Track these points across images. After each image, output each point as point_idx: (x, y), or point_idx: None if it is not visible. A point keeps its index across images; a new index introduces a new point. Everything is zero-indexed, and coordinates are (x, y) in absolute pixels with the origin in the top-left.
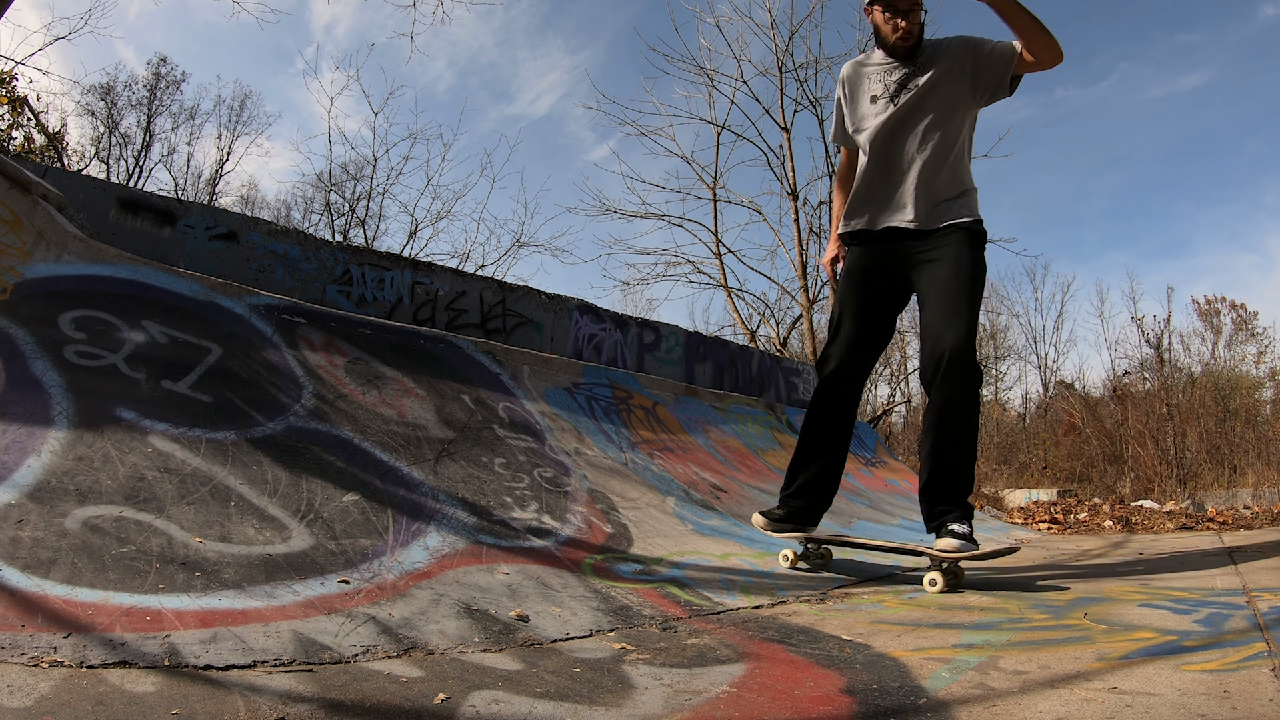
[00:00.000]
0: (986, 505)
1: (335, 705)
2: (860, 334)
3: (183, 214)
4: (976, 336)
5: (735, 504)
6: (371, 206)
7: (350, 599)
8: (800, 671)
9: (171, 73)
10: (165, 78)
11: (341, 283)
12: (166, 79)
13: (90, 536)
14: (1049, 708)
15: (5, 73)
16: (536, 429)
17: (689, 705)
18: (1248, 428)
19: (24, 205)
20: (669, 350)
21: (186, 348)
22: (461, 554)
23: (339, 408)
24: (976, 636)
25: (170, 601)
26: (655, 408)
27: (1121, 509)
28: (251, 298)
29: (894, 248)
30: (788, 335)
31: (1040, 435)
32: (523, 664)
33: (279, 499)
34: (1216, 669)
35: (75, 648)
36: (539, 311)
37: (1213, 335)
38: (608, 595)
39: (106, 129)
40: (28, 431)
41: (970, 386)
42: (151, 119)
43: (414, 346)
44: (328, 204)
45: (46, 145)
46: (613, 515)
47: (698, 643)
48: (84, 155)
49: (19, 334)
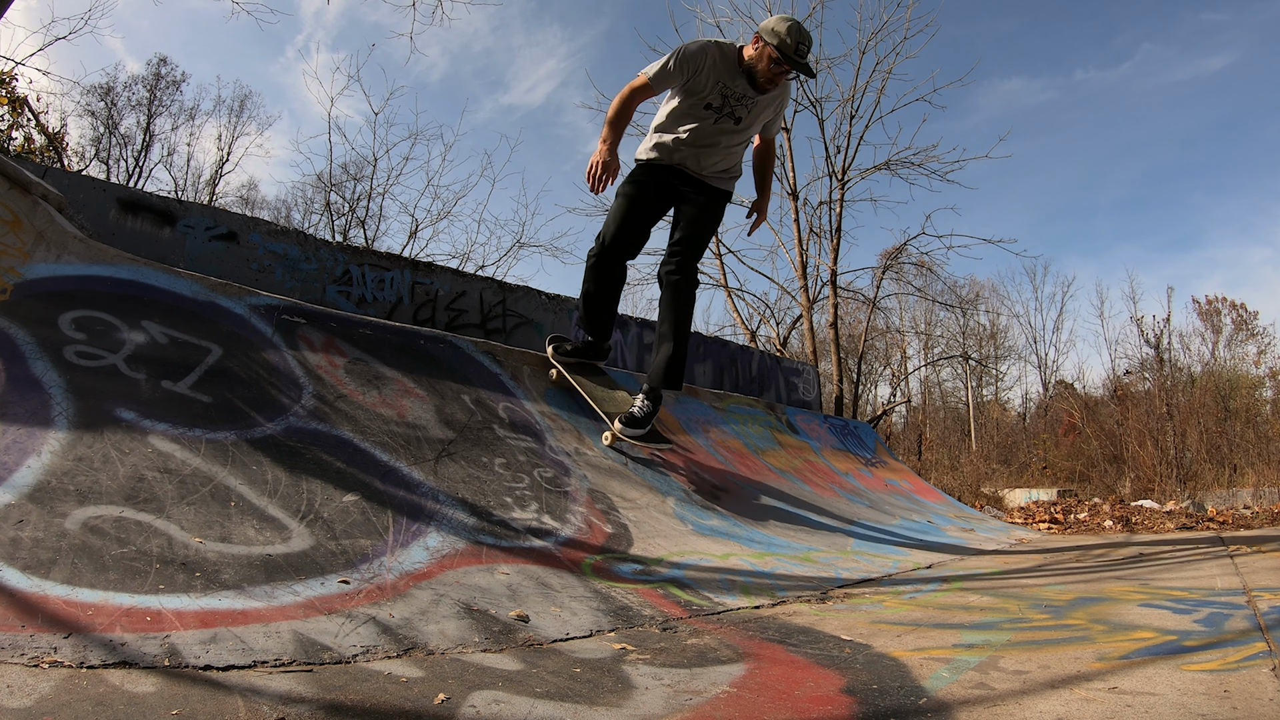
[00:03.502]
0: (987, 505)
1: (335, 706)
2: (639, 227)
3: (183, 214)
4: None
5: (735, 504)
6: (372, 207)
7: (350, 599)
8: (800, 671)
9: (171, 73)
10: (165, 78)
11: (341, 283)
12: (166, 79)
13: (90, 537)
14: (1049, 707)
15: (5, 73)
16: (536, 429)
17: (689, 705)
18: (1248, 428)
19: (24, 206)
20: None
21: (186, 348)
22: (461, 554)
23: (339, 408)
24: (977, 636)
25: (170, 602)
26: None
27: (1122, 509)
28: (251, 298)
29: (676, 180)
30: (788, 335)
31: (1040, 435)
32: (523, 664)
33: (279, 499)
34: (1216, 669)
35: (75, 648)
36: (539, 312)
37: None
38: (608, 595)
39: (106, 129)
40: (28, 432)
41: (694, 291)
42: (151, 119)
43: (414, 347)
44: (328, 204)
45: (46, 146)
46: (613, 515)
47: (698, 643)
48: (84, 156)
49: (19, 334)
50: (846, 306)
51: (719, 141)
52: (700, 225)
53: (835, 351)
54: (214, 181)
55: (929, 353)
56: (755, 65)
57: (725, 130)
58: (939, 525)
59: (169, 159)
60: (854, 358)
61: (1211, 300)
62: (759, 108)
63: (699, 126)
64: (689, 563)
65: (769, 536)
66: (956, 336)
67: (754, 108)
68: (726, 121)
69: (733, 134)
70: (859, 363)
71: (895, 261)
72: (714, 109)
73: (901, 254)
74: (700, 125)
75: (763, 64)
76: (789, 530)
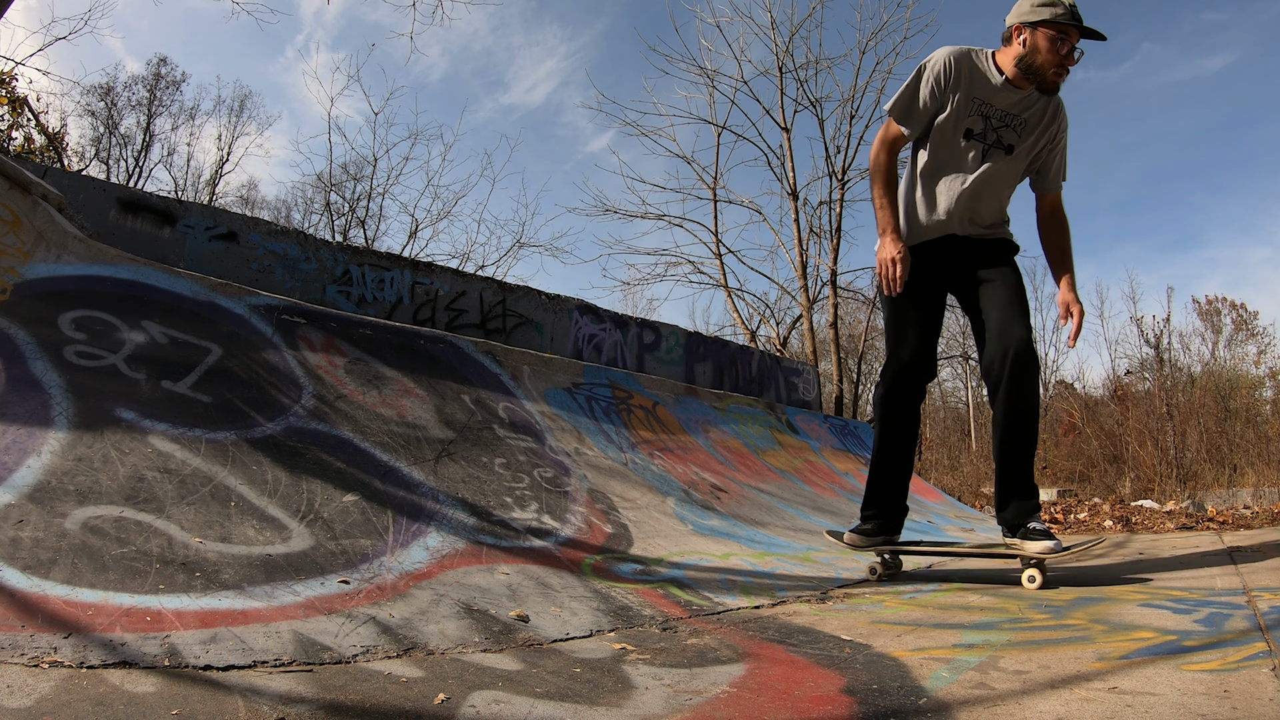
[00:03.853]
0: (987, 505)
1: (335, 706)
2: (929, 331)
3: (182, 214)
4: None
5: (735, 504)
6: (371, 207)
7: (350, 599)
8: (800, 671)
9: (171, 73)
10: (165, 78)
11: (341, 283)
12: (166, 79)
13: (90, 537)
14: (1049, 707)
15: (5, 73)
16: (536, 429)
17: (689, 705)
18: (1248, 427)
19: (24, 206)
20: (669, 350)
21: (186, 348)
22: (461, 554)
23: (339, 408)
24: (977, 636)
25: (170, 602)
26: (655, 408)
27: (1122, 509)
28: (251, 298)
29: (949, 253)
30: (788, 335)
31: (1040, 435)
32: (523, 664)
33: (279, 499)
34: (1217, 669)
35: (75, 648)
36: (539, 312)
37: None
38: (608, 595)
39: (106, 129)
40: (28, 432)
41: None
42: (151, 119)
43: (414, 347)
44: (328, 204)
45: (46, 145)
46: (613, 515)
47: (698, 643)
48: (84, 155)
49: (19, 334)
50: (846, 306)
51: (991, 182)
52: (1011, 288)
53: (835, 351)
54: (214, 181)
55: None
56: (1033, 60)
57: (997, 164)
58: (939, 525)
59: (169, 159)
60: (854, 358)
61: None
62: (1029, 130)
63: (965, 167)
64: (689, 563)
65: (769, 536)
66: (956, 336)
67: (1024, 130)
68: (997, 153)
69: (1006, 169)
70: (859, 363)
71: None
72: (977, 138)
73: None
74: (966, 165)
75: (1044, 50)
76: (789, 530)
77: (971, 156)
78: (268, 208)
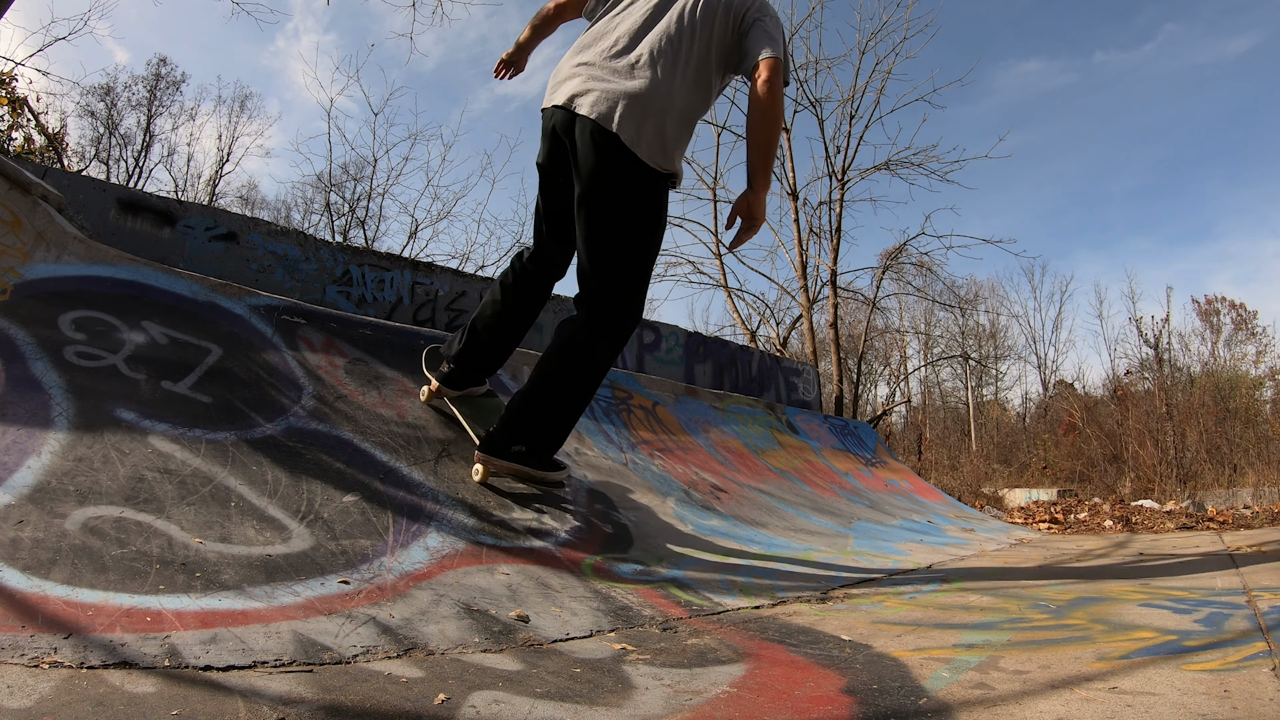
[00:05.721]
0: (987, 505)
1: (335, 706)
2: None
3: (182, 214)
4: None
5: (735, 504)
6: (371, 207)
7: (350, 600)
8: (800, 672)
9: (171, 73)
10: (165, 78)
11: (341, 283)
12: (166, 79)
13: (90, 538)
14: (1049, 707)
15: (5, 73)
16: None
17: (689, 705)
18: (1248, 428)
19: (24, 206)
20: (669, 350)
21: (186, 348)
22: (461, 554)
23: (339, 408)
24: (977, 636)
25: (170, 602)
26: (655, 408)
27: (1122, 509)
28: (251, 298)
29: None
30: (788, 335)
31: (1040, 435)
32: (523, 664)
33: (279, 500)
34: (1217, 669)
35: (75, 649)
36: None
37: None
38: (608, 595)
39: (106, 129)
40: (28, 432)
41: None
42: (151, 119)
43: (414, 347)
44: (328, 204)
45: (46, 146)
46: (613, 515)
47: (698, 643)
48: (84, 156)
49: (19, 335)
50: (846, 306)
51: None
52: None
53: (835, 351)
54: (214, 181)
55: (929, 353)
56: None
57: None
58: (939, 525)
59: (169, 159)
60: (854, 358)
61: (1211, 300)
62: None
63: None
64: (689, 563)
65: (769, 537)
66: (956, 336)
67: None
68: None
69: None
70: (859, 363)
71: (895, 262)
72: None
73: (901, 254)
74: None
75: None
76: (789, 530)
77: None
78: (268, 208)
